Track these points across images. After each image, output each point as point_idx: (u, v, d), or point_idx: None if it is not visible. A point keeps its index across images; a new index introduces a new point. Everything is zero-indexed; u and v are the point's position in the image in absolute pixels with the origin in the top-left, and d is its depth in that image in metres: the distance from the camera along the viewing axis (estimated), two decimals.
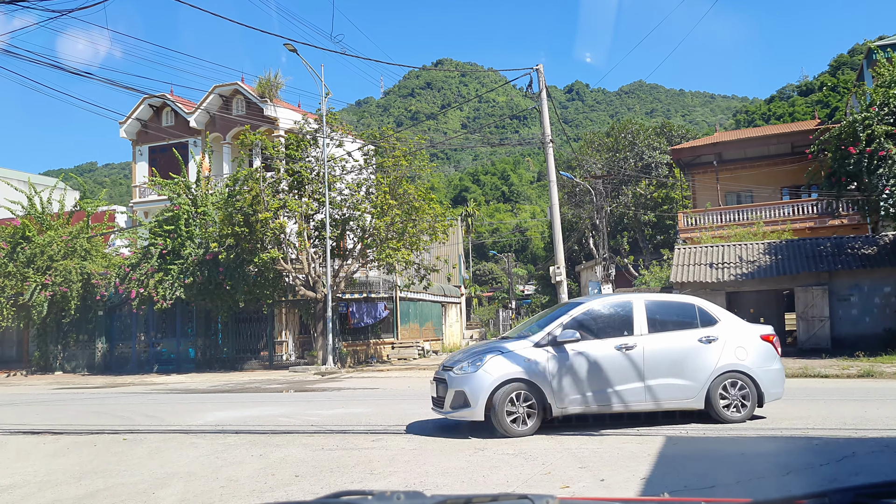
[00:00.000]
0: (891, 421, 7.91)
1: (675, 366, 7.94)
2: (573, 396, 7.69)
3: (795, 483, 5.05)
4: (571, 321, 8.02)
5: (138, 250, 26.63)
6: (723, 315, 8.52)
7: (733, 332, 8.29)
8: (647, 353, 7.89)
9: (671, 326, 8.21)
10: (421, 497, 1.44)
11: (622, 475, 5.50)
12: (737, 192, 32.91)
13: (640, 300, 8.30)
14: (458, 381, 7.86)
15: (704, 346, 8.06)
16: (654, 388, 7.84)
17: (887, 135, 19.02)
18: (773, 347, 8.43)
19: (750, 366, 8.09)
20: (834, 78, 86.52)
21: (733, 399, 7.99)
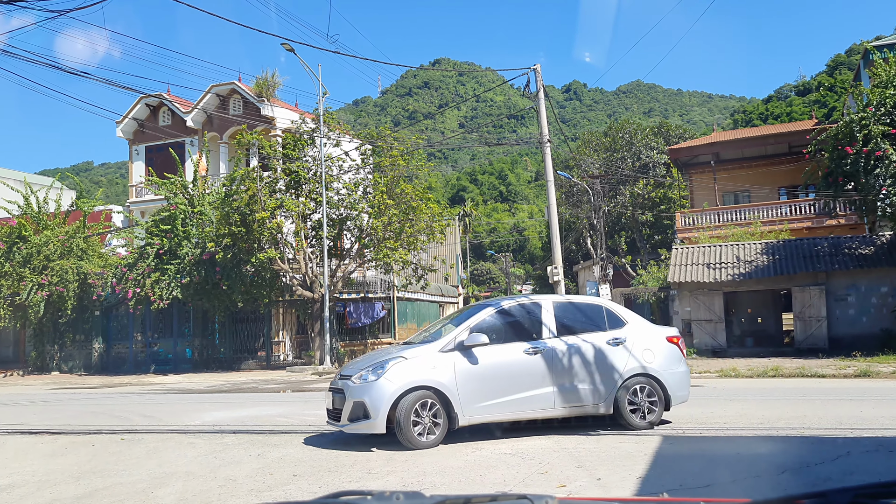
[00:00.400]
0: (886, 420, 7.94)
1: (584, 370, 7.73)
2: (481, 404, 7.33)
3: (790, 482, 5.08)
4: (479, 324, 7.66)
5: (135, 250, 26.61)
6: (630, 317, 8.34)
7: (641, 335, 8.12)
8: (556, 357, 7.64)
9: (580, 329, 7.98)
10: (420, 497, 1.44)
11: (619, 474, 5.52)
12: (734, 192, 32.96)
13: (548, 301, 8.06)
14: (357, 391, 7.33)
15: (613, 349, 7.87)
16: (562, 393, 7.58)
17: (884, 135, 19.09)
18: (679, 349, 8.27)
19: (657, 369, 7.93)
20: (831, 78, 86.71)
21: (641, 403, 7.80)
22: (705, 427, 7.86)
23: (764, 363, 17.99)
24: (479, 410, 7.34)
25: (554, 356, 7.63)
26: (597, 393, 7.68)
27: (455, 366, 7.36)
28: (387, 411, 7.15)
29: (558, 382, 7.57)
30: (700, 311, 23.02)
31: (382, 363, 7.40)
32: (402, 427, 7.06)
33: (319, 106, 24.09)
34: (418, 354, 7.46)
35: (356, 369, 7.66)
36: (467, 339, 7.46)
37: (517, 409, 7.49)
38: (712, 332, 22.81)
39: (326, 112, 24.83)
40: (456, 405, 7.24)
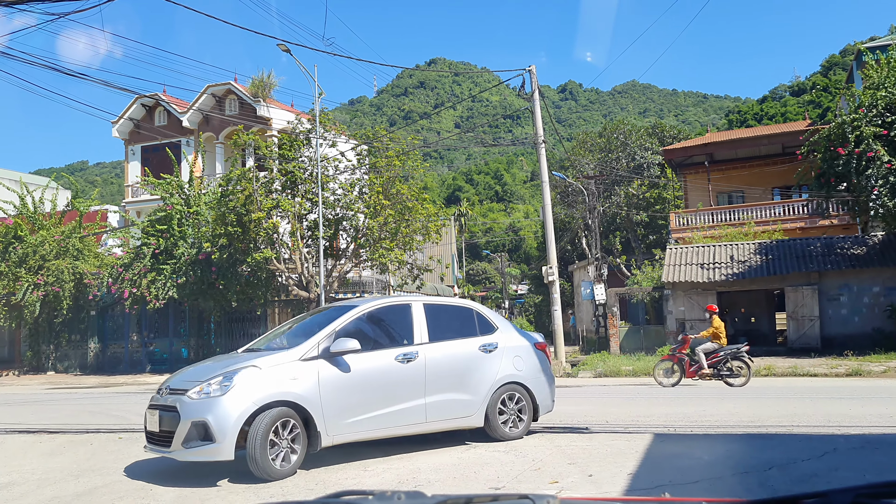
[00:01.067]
0: (874, 418, 8.07)
1: (458, 378, 7.19)
2: (348, 420, 6.49)
3: (777, 478, 5.19)
4: (346, 328, 6.79)
5: (131, 250, 26.64)
6: (500, 322, 7.94)
7: (511, 341, 7.75)
8: (429, 365, 6.99)
9: (452, 334, 7.43)
10: (422, 497, 1.44)
11: (610, 471, 5.63)
12: (728, 193, 33.14)
13: (418, 304, 7.38)
14: (196, 409, 6.02)
15: (485, 356, 7.42)
16: (434, 405, 6.97)
17: (875, 136, 19.26)
18: (547, 357, 8.04)
19: (527, 377, 7.60)
20: (826, 78, 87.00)
21: (511, 414, 7.43)
22: (696, 425, 7.98)
23: (757, 363, 18.12)
24: (345, 428, 6.47)
25: (427, 364, 6.97)
26: (470, 403, 7.19)
27: (320, 376, 6.38)
28: (236, 433, 5.92)
29: (431, 393, 6.94)
30: (694, 310, 23.17)
31: (229, 374, 6.19)
32: (257, 453, 5.85)
33: (316, 106, 24.16)
34: (275, 363, 6.35)
35: (193, 381, 6.36)
36: (334, 345, 6.51)
37: (388, 425, 6.74)
38: None
39: (322, 112, 24.89)
40: (319, 423, 6.27)
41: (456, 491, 5.28)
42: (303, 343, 6.62)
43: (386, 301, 7.45)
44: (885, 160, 18.97)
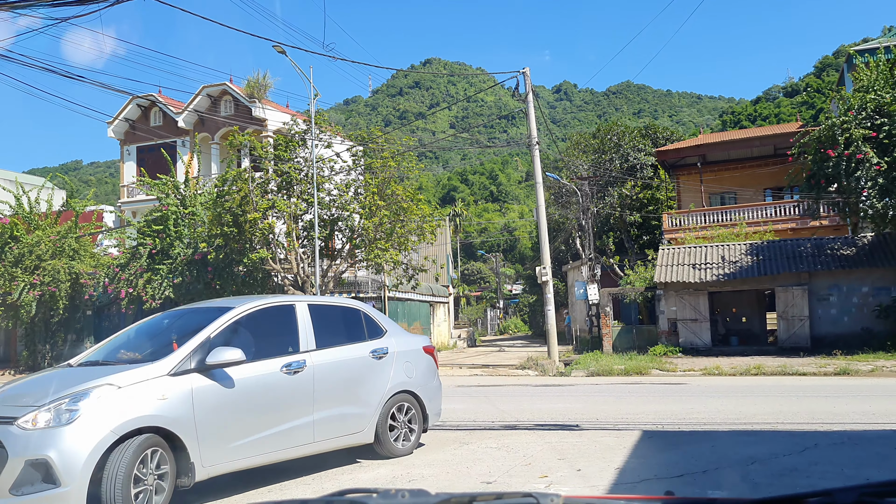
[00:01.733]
0: (857, 416, 8.29)
1: (349, 390, 6.49)
2: (228, 446, 5.45)
3: (758, 471, 5.39)
4: (221, 335, 5.69)
5: (127, 250, 26.73)
6: (389, 325, 7.28)
7: (401, 345, 7.12)
8: (318, 376, 6.16)
9: (341, 338, 6.70)
10: (425, 495, 1.40)
11: (598, 465, 5.83)
12: (720, 194, 33.41)
13: (302, 304, 6.50)
14: (32, 443, 4.67)
15: (376, 363, 6.76)
16: (323, 421, 6.15)
17: (864, 138, 19.53)
18: (434, 361, 7.48)
19: (417, 384, 7.05)
20: (819, 79, 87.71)
21: (401, 427, 6.83)
22: (684, 422, 8.18)
23: (747, 362, 18.38)
24: (224, 456, 5.43)
25: (315, 375, 6.12)
26: (361, 417, 6.49)
27: (194, 394, 5.27)
28: (90, 472, 4.65)
29: (321, 408, 6.12)
30: (686, 310, 23.41)
31: (77, 395, 4.87)
32: (117, 495, 4.66)
33: (311, 107, 24.31)
34: (137, 379, 5.10)
35: (24, 405, 4.92)
36: (212, 356, 5.38)
37: (273, 449, 5.77)
38: (697, 332, 23.21)
39: (318, 113, 25.05)
40: (194, 452, 5.17)
41: (449, 484, 5.46)
42: (171, 354, 5.38)
43: (266, 301, 6.37)
44: (874, 162, 19.24)
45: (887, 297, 21.38)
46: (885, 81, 20.32)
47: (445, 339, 38.50)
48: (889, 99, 19.59)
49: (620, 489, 5.03)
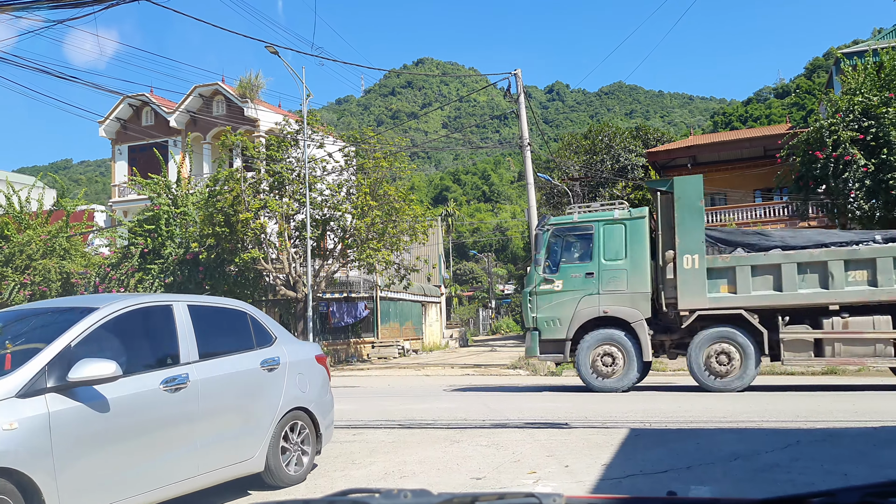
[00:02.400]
0: (839, 413, 8.45)
1: (238, 409, 5.48)
2: (98, 488, 4.27)
3: (740, 467, 5.53)
4: (85, 342, 4.48)
5: (118, 250, 26.72)
6: (277, 329, 6.25)
7: (293, 354, 6.13)
8: (204, 392, 5.06)
9: (227, 347, 5.65)
10: (427, 495, 1.39)
11: (585, 462, 5.95)
12: (711, 194, 33.62)
13: (181, 305, 5.32)
14: None
15: (268, 376, 5.74)
16: (208, 448, 5.03)
17: (852, 140, 19.76)
18: (327, 372, 6.66)
19: (311, 399, 6.12)
20: (809, 81, 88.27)
21: (294, 449, 5.86)
22: (671, 420, 8.31)
23: None
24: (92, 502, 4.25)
25: (200, 392, 5.03)
26: (252, 441, 5.44)
27: (52, 422, 4.07)
28: None
29: (206, 433, 5.04)
30: None
31: None
32: None
33: (303, 108, 24.37)
34: None
35: None
36: (75, 370, 4.16)
37: (153, 486, 4.60)
38: None
39: (310, 113, 25.11)
40: (51, 498, 3.92)
41: (439, 480, 5.57)
42: (20, 369, 4.10)
43: (139, 301, 5.17)
44: (861, 164, 19.48)
45: None
46: (872, 84, 20.57)
47: (437, 339, 38.61)
48: (876, 101, 19.83)
49: (606, 484, 5.15)
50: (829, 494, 1.21)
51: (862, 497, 1.19)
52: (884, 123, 19.61)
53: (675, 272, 11.68)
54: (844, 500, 1.20)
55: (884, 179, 19.25)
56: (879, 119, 19.77)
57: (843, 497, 1.20)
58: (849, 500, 1.19)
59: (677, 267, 11.63)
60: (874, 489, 1.20)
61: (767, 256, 11.40)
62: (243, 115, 31.81)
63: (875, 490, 1.19)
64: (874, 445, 6.36)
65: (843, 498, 1.20)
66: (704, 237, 11.72)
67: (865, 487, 1.20)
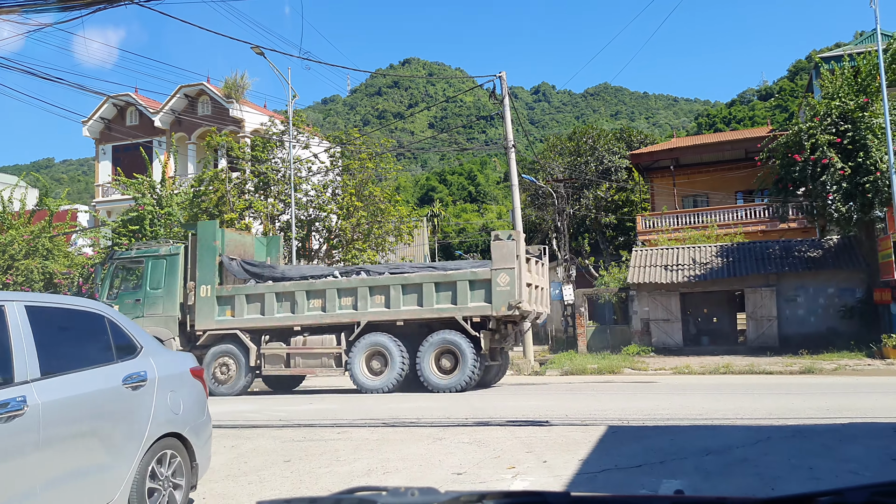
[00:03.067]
0: (812, 411, 8.69)
1: (92, 440, 4.36)
2: None
3: (712, 462, 5.73)
4: None
5: (102, 250, 26.64)
6: (143, 338, 5.12)
7: (163, 367, 5.06)
8: (47, 420, 4.01)
9: (78, 360, 4.52)
10: (435, 493, 1.39)
11: (563, 458, 6.13)
12: (693, 196, 34.03)
13: (16, 306, 4.21)
14: None
15: (132, 396, 4.64)
16: (53, 493, 3.97)
17: (829, 144, 20.10)
18: (204, 388, 5.52)
19: (186, 422, 5.04)
20: (792, 83, 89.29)
21: (164, 485, 4.71)
22: (649, 418, 8.52)
23: (716, 361, 18.85)
24: None
25: (44, 419, 3.98)
26: (111, 480, 4.32)
27: None
28: None
29: (50, 473, 3.98)
30: (658, 310, 23.89)
31: None
32: None
33: (289, 109, 24.44)
34: None
35: None
36: None
37: None
38: (669, 332, 23.69)
39: (296, 114, 25.19)
40: None
41: (421, 476, 5.73)
42: None
43: None
44: (839, 167, 19.82)
45: (852, 298, 22.01)
46: (849, 88, 20.93)
47: None
48: (853, 106, 20.19)
49: (582, 478, 5.33)
50: (837, 493, 1.21)
51: (870, 496, 1.19)
52: (860, 127, 19.97)
53: (195, 299, 14.49)
54: (852, 500, 1.20)
55: (860, 182, 19.60)
56: (856, 123, 20.13)
57: (851, 496, 1.20)
58: (857, 500, 1.19)
59: (196, 295, 14.50)
60: (882, 488, 1.20)
61: (255, 287, 14.40)
62: (228, 115, 31.79)
63: (883, 489, 1.20)
64: (840, 441, 6.59)
65: (850, 497, 1.20)
66: (217, 270, 14.63)
67: (873, 486, 1.21)
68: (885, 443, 6.43)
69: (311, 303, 13.95)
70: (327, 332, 13.92)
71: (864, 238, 21.92)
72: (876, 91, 19.79)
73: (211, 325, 14.40)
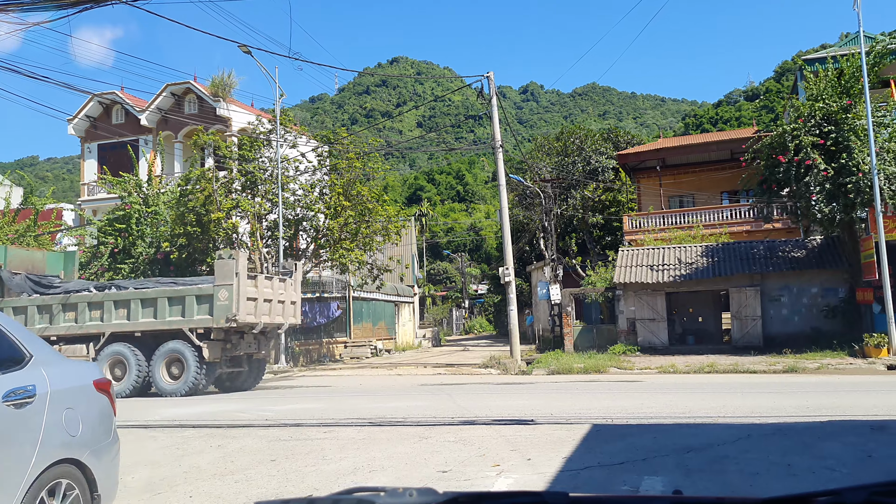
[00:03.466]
0: (793, 409, 8.83)
1: None
2: None
3: (693, 459, 5.82)
4: None
5: (88, 249, 26.48)
6: (35, 344, 4.38)
7: (58, 380, 4.27)
8: None
9: None
10: (433, 493, 1.38)
11: (547, 455, 6.20)
12: (679, 196, 34.27)
13: None
14: None
15: (16, 416, 3.88)
16: None
17: (813, 145, 20.32)
18: (111, 403, 4.68)
19: (86, 444, 4.26)
20: (778, 84, 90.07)
21: None
22: (633, 417, 8.62)
23: (701, 360, 19.03)
24: None
25: None
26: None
27: None
28: None
29: None
30: (644, 310, 24.06)
31: None
32: None
33: (276, 108, 24.40)
34: None
35: None
36: None
37: None
38: (655, 331, 23.87)
39: (283, 113, 25.15)
40: None
41: (407, 474, 5.78)
42: None
43: None
44: (822, 168, 20.04)
45: (835, 298, 22.27)
46: (833, 90, 21.16)
47: (410, 339, 38.78)
48: (836, 107, 20.42)
49: (565, 475, 5.40)
50: (835, 493, 1.21)
51: (868, 496, 1.19)
52: (843, 129, 20.21)
53: None
54: (851, 500, 1.19)
55: (843, 183, 19.83)
56: (839, 125, 20.37)
57: (850, 496, 1.20)
58: (855, 500, 1.19)
59: None
60: (881, 488, 1.20)
61: (18, 300, 15.43)
62: (215, 114, 31.67)
63: (882, 489, 1.20)
64: (818, 438, 6.71)
65: (849, 497, 1.20)
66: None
67: (872, 486, 1.20)
68: (861, 440, 6.55)
69: (67, 315, 15.23)
70: (79, 342, 15.07)
71: (847, 238, 22.16)
72: (859, 93, 20.02)
73: None
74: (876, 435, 6.83)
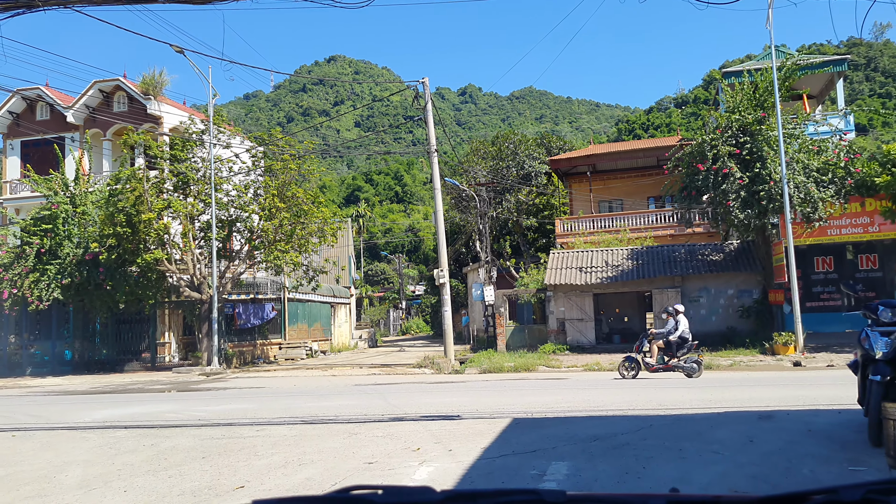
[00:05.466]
0: (696, 402, 9.58)
1: None
2: None
3: (597, 446, 6.40)
4: None
5: (10, 249, 25.65)
6: None
7: None
8: None
9: None
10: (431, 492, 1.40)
11: (467, 446, 6.68)
12: (609, 201, 35.54)
13: None
14: None
15: None
16: None
17: (730, 155, 21.55)
18: None
19: None
20: (706, 92, 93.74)
21: None
22: (551, 411, 9.20)
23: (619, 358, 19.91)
24: None
25: None
26: None
27: None
28: None
29: None
30: (573, 310, 24.97)
31: None
32: None
33: (209, 108, 24.22)
34: None
35: None
36: None
37: None
38: (583, 330, 24.81)
39: (216, 112, 24.98)
40: None
41: (335, 466, 6.15)
42: None
43: None
44: (738, 176, 21.29)
45: (749, 299, 23.66)
46: (748, 103, 22.48)
47: (346, 340, 38.89)
48: (751, 119, 21.71)
49: (482, 462, 5.88)
50: (832, 491, 1.20)
51: (864, 494, 1.19)
52: (757, 140, 21.51)
53: None
54: (847, 498, 1.19)
55: (757, 191, 21.11)
56: (754, 136, 21.66)
57: (846, 494, 1.19)
58: (851, 498, 1.19)
59: None
60: (877, 486, 1.20)
61: None
62: (146, 112, 31.09)
63: (878, 487, 1.20)
64: (711, 427, 7.40)
65: (845, 495, 1.19)
66: None
67: (868, 484, 1.20)
68: (748, 428, 7.27)
69: None
70: None
71: (761, 243, 23.56)
72: (772, 106, 21.33)
73: None
74: (761, 423, 7.58)
